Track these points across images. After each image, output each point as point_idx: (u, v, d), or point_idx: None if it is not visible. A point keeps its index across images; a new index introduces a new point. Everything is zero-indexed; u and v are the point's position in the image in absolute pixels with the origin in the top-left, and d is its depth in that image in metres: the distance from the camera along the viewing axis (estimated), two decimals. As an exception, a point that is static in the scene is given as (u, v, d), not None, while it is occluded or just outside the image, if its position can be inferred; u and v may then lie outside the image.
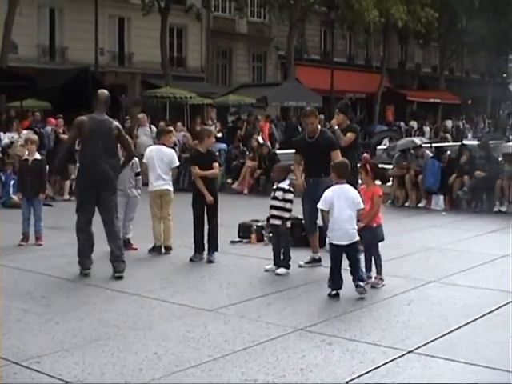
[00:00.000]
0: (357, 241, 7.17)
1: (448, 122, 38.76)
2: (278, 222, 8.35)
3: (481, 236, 11.03)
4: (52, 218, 11.38)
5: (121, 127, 8.43)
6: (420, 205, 14.50)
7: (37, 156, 10.43)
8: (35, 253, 9.41)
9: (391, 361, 5.21)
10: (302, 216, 8.94)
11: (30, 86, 21.98)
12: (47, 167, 10.96)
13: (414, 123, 37.05)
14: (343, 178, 7.31)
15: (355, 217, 7.17)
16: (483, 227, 11.78)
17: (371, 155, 17.84)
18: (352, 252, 7.15)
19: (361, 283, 7.08)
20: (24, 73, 22.95)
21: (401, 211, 13.93)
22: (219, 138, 19.93)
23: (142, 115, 18.51)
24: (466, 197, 13.98)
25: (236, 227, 10.48)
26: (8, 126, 17.96)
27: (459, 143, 17.94)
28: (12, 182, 14.16)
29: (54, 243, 9.83)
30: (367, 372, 4.99)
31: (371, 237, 7.49)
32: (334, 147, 8.69)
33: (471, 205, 14.00)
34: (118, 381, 4.82)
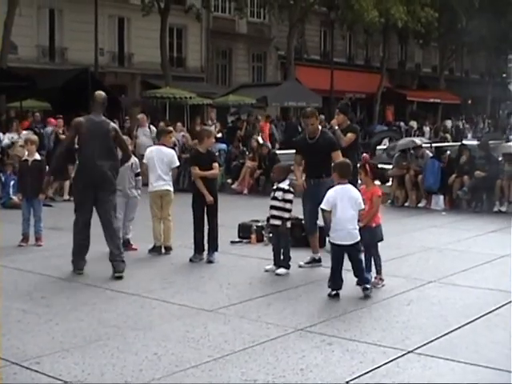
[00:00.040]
0: (359, 241, 7.18)
1: (448, 122, 38.78)
2: (278, 222, 8.35)
3: (481, 236, 11.03)
4: (52, 219, 11.38)
5: (118, 128, 8.50)
6: (420, 205, 14.49)
7: (37, 156, 10.45)
8: (35, 253, 9.42)
9: (391, 361, 5.21)
10: (302, 216, 8.94)
11: (30, 87, 21.96)
12: (47, 168, 10.96)
13: (414, 123, 37.06)
14: (345, 178, 7.31)
15: (357, 217, 7.18)
16: (483, 227, 11.78)
17: (371, 155, 17.83)
18: (354, 252, 7.16)
19: (367, 285, 7.10)
20: (24, 73, 22.92)
21: (401, 211, 13.92)
22: (219, 139, 19.93)
23: (142, 115, 18.51)
24: (466, 197, 13.98)
25: (236, 227, 10.48)
26: (8, 127, 17.93)
27: (459, 143, 17.93)
28: (12, 183, 14.15)
29: (54, 244, 9.82)
30: (367, 372, 4.99)
31: (370, 237, 7.49)
32: (335, 148, 8.69)
33: (471, 205, 14.00)
34: (118, 381, 4.82)
